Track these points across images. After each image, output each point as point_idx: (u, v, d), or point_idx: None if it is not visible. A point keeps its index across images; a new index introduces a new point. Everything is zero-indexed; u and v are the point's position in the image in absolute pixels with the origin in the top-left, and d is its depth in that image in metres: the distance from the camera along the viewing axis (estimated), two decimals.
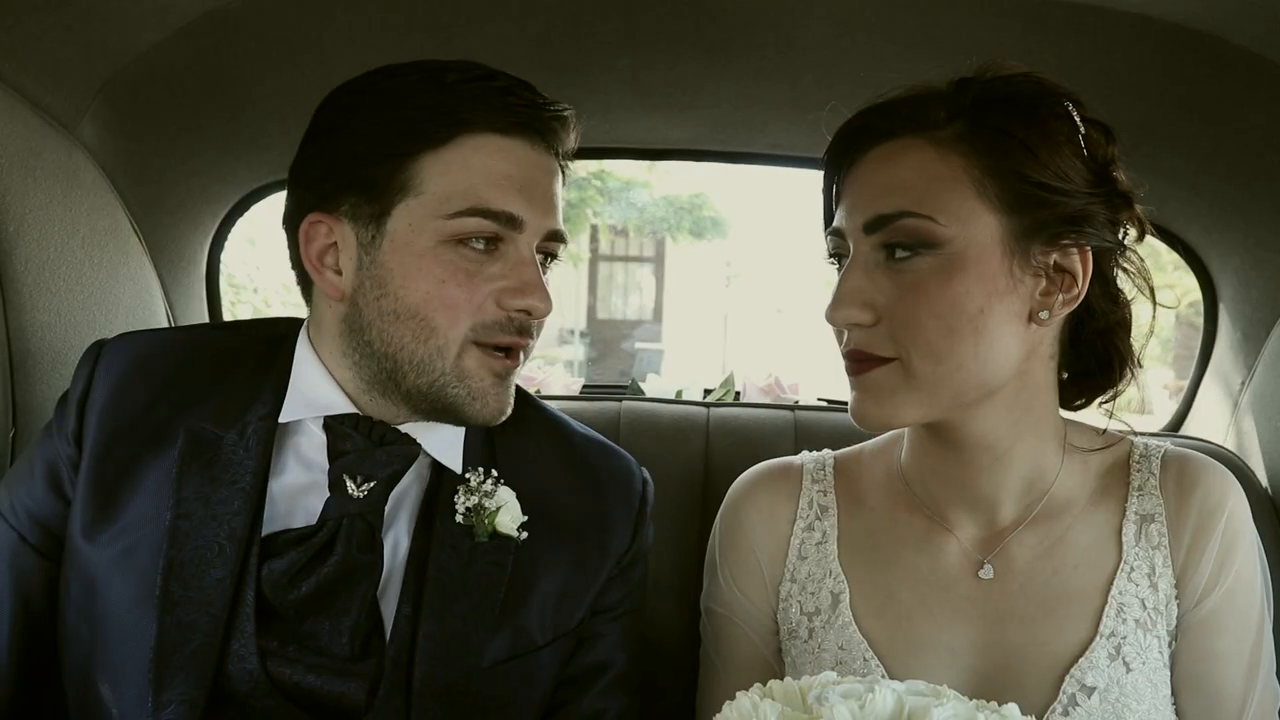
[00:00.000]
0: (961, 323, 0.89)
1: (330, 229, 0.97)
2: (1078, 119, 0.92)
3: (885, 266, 0.92)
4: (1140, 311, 1.00)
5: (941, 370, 0.90)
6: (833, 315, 0.94)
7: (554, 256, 1.03)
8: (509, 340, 0.97)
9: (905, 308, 0.90)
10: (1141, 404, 1.07)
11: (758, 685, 0.72)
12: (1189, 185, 1.56)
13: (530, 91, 0.99)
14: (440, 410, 0.98)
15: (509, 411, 1.00)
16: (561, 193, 1.02)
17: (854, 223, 0.94)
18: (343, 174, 0.96)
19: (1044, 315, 0.92)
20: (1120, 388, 1.01)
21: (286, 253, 1.03)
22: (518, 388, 1.16)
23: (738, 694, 0.70)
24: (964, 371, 0.90)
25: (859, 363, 0.94)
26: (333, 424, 0.99)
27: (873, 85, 0.97)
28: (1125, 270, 0.97)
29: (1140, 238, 0.97)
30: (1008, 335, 0.91)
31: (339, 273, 0.97)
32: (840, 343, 0.97)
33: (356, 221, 0.95)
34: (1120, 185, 0.93)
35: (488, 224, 0.94)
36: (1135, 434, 1.06)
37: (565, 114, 1.00)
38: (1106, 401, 1.02)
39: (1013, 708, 0.68)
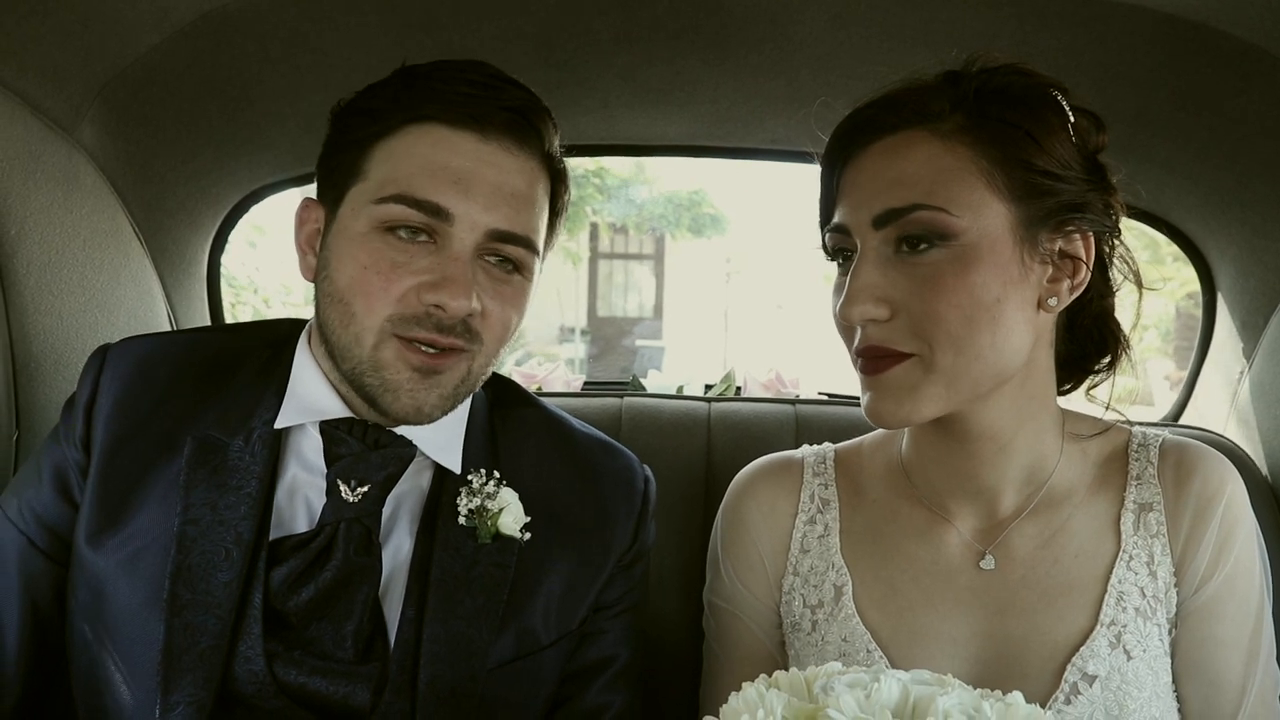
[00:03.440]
0: (979, 313, 0.89)
1: (316, 214, 1.01)
2: (1067, 108, 0.93)
3: (897, 260, 0.91)
4: (1127, 301, 1.01)
5: (961, 361, 0.90)
6: (847, 312, 0.92)
7: (509, 260, 0.97)
8: (426, 336, 0.92)
9: (923, 301, 0.90)
10: (1137, 394, 1.08)
11: (763, 676, 0.72)
12: (1186, 175, 1.57)
13: (496, 88, 0.96)
14: (366, 401, 0.96)
15: (433, 414, 0.96)
16: (533, 193, 0.98)
17: (861, 218, 0.93)
18: (323, 162, 1.01)
19: (1052, 302, 0.93)
20: (1112, 371, 1.03)
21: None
22: (517, 386, 1.17)
23: (744, 685, 0.70)
24: (982, 362, 0.91)
25: (877, 360, 0.92)
26: (328, 429, 0.99)
27: (869, 79, 0.97)
28: (1115, 255, 0.99)
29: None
30: (1021, 323, 0.91)
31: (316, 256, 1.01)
32: (850, 340, 0.96)
33: (324, 206, 1.00)
34: (1108, 171, 0.95)
35: (412, 213, 0.92)
36: (1134, 424, 1.06)
37: (523, 106, 0.96)
38: (1096, 385, 1.04)
39: (1018, 696, 0.68)
